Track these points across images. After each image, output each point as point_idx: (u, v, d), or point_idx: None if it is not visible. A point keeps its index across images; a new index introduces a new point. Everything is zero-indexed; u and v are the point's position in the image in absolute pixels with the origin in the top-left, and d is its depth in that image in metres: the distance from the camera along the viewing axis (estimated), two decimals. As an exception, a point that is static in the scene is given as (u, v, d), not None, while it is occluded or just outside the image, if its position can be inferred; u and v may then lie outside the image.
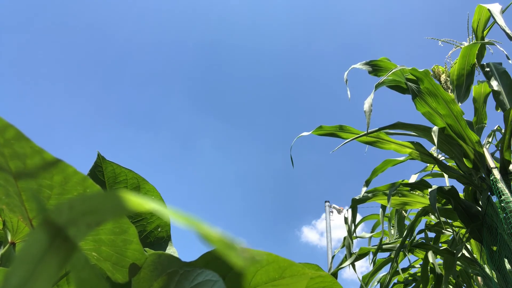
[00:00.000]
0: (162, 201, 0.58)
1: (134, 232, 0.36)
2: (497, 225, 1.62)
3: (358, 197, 2.15)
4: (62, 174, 0.28)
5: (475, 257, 2.29)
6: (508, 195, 1.51)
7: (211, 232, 0.12)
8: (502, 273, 1.68)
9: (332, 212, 9.28)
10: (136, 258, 0.38)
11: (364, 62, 2.00)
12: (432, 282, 2.64)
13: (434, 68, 2.20)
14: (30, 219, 0.34)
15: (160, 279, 0.37)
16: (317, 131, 2.09)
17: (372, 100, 1.66)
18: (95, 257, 0.38)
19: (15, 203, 0.31)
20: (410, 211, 2.63)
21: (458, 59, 1.96)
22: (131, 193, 0.14)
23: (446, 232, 2.37)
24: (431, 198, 1.71)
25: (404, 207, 2.28)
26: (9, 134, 0.25)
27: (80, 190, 0.30)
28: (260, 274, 0.36)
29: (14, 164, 0.27)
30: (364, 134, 1.94)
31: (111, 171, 0.56)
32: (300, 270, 0.36)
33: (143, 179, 0.57)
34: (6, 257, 0.46)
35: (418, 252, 2.65)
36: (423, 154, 2.01)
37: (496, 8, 1.77)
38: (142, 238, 0.57)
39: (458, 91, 2.01)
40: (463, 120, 1.77)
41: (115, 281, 0.39)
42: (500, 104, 1.86)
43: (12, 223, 0.43)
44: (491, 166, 1.69)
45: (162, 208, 0.13)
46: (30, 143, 0.25)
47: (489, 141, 2.31)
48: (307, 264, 0.49)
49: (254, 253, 0.17)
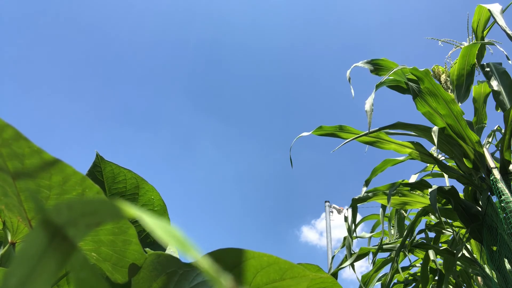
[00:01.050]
0: (161, 200, 0.58)
1: (134, 232, 0.36)
2: (497, 225, 1.62)
3: (358, 197, 2.15)
4: (61, 174, 0.28)
5: (475, 257, 2.29)
6: (508, 195, 1.51)
7: (201, 259, 0.12)
8: (502, 273, 1.68)
9: (332, 212, 9.28)
10: (136, 258, 0.38)
11: (366, 61, 2.00)
12: (432, 282, 2.64)
13: (434, 68, 2.20)
14: (29, 220, 0.34)
15: (160, 279, 0.37)
16: (317, 131, 2.09)
17: (373, 100, 1.66)
18: (95, 258, 0.37)
19: (13, 203, 0.31)
20: (410, 211, 2.63)
21: (458, 59, 1.96)
22: (127, 199, 0.14)
23: (446, 232, 2.37)
24: (431, 198, 1.71)
25: (404, 207, 2.28)
26: (7, 134, 0.25)
27: (79, 190, 0.30)
28: (260, 275, 0.36)
29: (12, 164, 0.27)
30: (365, 134, 1.94)
31: (110, 171, 0.56)
32: (301, 272, 0.36)
33: (142, 179, 0.57)
34: (6, 257, 0.45)
35: (418, 252, 2.65)
36: (423, 154, 2.01)
37: (496, 8, 1.77)
38: (142, 238, 0.57)
39: (458, 91, 2.01)
40: (463, 120, 1.77)
41: (115, 281, 0.39)
42: (500, 104, 1.86)
43: (12, 223, 0.43)
44: (491, 166, 1.69)
45: (151, 222, 0.13)
46: (29, 143, 0.25)
47: (489, 141, 2.31)
48: (307, 264, 0.48)
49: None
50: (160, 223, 0.13)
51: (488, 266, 1.90)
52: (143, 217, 0.13)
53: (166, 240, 0.12)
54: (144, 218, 0.13)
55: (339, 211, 9.40)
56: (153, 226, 0.13)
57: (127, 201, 0.55)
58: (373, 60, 2.00)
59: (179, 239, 0.13)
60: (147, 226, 0.13)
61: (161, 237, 0.12)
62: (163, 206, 0.58)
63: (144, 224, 0.13)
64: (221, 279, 0.12)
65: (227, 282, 0.12)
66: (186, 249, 0.12)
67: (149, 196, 0.57)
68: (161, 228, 0.13)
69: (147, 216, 0.13)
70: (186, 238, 0.13)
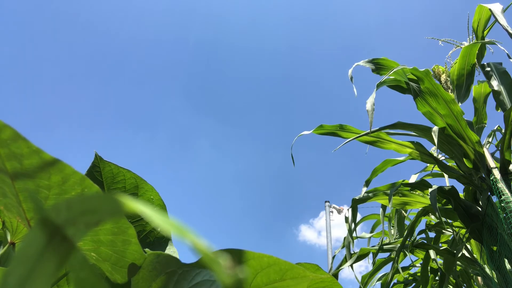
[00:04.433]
0: (161, 200, 0.58)
1: (133, 232, 0.36)
2: (497, 225, 1.62)
3: (358, 197, 2.15)
4: (60, 174, 0.28)
5: (475, 257, 2.29)
6: (508, 195, 1.51)
7: (199, 244, 0.12)
8: (502, 273, 1.68)
9: (332, 212, 9.28)
10: (135, 258, 0.38)
11: (368, 60, 2.00)
12: (432, 282, 2.64)
13: (435, 68, 2.20)
14: (28, 220, 0.34)
15: (159, 279, 0.37)
16: (317, 130, 2.09)
17: (374, 100, 1.66)
18: (94, 258, 0.37)
19: (12, 203, 0.31)
20: (410, 211, 2.63)
21: (458, 59, 1.96)
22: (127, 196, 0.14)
23: (446, 232, 2.37)
24: (432, 198, 1.71)
25: (405, 207, 2.28)
26: (5, 135, 0.25)
27: (78, 190, 0.30)
28: (260, 276, 0.36)
29: (11, 165, 0.27)
30: (366, 133, 1.94)
31: (109, 171, 0.56)
32: (301, 273, 0.36)
33: (142, 179, 0.57)
34: (6, 257, 0.45)
35: (418, 252, 2.65)
36: (423, 154, 2.01)
37: (497, 7, 1.77)
38: (141, 238, 0.57)
39: (458, 91, 2.01)
40: (463, 120, 1.77)
41: (114, 281, 0.39)
42: (500, 104, 1.86)
43: (12, 223, 0.43)
44: (491, 166, 1.69)
45: (153, 215, 0.13)
46: (27, 143, 0.25)
47: (489, 141, 2.30)
48: (307, 264, 0.48)
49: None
50: (163, 216, 0.13)
51: (488, 266, 1.90)
52: (144, 211, 0.13)
53: (170, 229, 0.12)
54: (146, 211, 0.13)
55: (339, 211, 9.40)
56: (155, 218, 0.13)
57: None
58: (374, 60, 2.00)
59: (186, 233, 0.13)
60: (149, 219, 0.13)
61: (164, 227, 0.12)
62: (163, 206, 0.58)
63: (146, 217, 0.13)
64: (220, 262, 0.12)
65: (225, 262, 0.12)
66: (184, 235, 0.12)
67: (148, 196, 0.57)
68: (167, 222, 0.13)
69: (149, 209, 0.13)
70: (193, 232, 0.13)
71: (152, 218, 0.13)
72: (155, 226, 0.57)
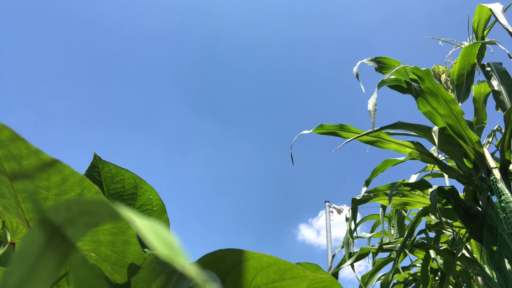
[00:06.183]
0: (160, 200, 0.58)
1: (133, 232, 0.36)
2: (497, 225, 1.62)
3: (358, 197, 2.15)
4: (60, 174, 0.28)
5: (475, 257, 2.29)
6: (508, 195, 1.51)
7: (182, 259, 0.12)
8: (502, 273, 1.68)
9: (332, 212, 9.29)
10: (135, 259, 0.38)
11: (371, 58, 2.00)
12: (432, 282, 2.64)
13: (435, 68, 2.20)
14: (27, 220, 0.34)
15: (159, 279, 0.37)
16: (317, 129, 2.09)
17: (376, 100, 1.66)
18: (94, 258, 0.37)
19: (11, 204, 0.31)
20: (410, 211, 2.63)
21: (458, 59, 1.96)
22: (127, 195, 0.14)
23: (446, 232, 2.37)
24: (432, 198, 1.71)
25: (405, 207, 2.28)
26: (3, 136, 0.24)
27: (77, 190, 0.30)
28: (260, 276, 0.36)
29: (9, 166, 0.26)
30: (367, 133, 1.94)
31: (108, 171, 0.56)
32: (301, 273, 0.36)
33: (141, 178, 0.57)
34: (5, 257, 0.45)
35: (418, 252, 2.65)
36: (423, 154, 2.01)
37: (498, 7, 1.77)
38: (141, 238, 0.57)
39: (458, 91, 2.01)
40: (463, 120, 1.77)
41: (114, 281, 0.39)
42: (500, 104, 1.86)
43: (12, 223, 0.43)
44: (491, 166, 1.69)
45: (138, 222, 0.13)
46: (26, 143, 0.25)
47: (489, 141, 2.30)
48: (307, 264, 0.48)
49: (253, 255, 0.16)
50: (152, 225, 0.13)
51: (488, 266, 1.90)
52: (135, 220, 0.13)
53: (156, 246, 0.12)
54: (136, 221, 0.13)
55: (339, 211, 9.41)
56: (145, 230, 0.13)
57: (126, 201, 0.54)
58: (377, 58, 2.00)
59: (169, 244, 0.12)
60: (138, 230, 0.13)
61: (151, 242, 0.12)
62: (162, 205, 0.58)
63: (136, 227, 0.13)
64: (208, 286, 0.12)
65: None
66: (175, 255, 0.12)
67: (147, 196, 0.57)
68: (153, 231, 0.13)
69: (139, 219, 0.13)
70: (177, 243, 0.13)
71: (141, 230, 0.13)
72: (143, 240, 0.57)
